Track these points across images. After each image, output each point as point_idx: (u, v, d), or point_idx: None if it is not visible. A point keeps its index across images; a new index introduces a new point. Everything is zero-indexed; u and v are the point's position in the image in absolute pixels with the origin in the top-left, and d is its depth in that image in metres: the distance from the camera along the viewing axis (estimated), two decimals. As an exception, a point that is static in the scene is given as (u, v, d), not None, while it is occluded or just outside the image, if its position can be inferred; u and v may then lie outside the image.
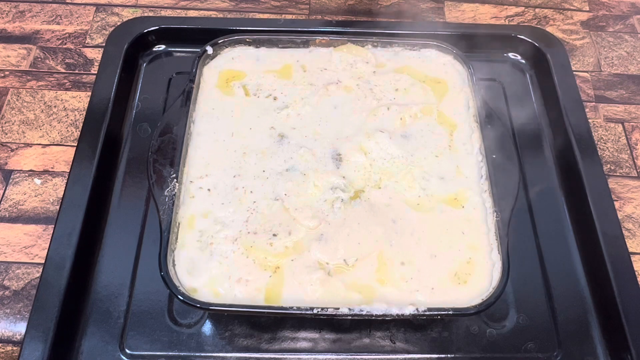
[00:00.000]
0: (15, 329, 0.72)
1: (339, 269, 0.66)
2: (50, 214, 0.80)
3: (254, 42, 0.86)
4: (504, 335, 0.71)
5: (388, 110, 0.79)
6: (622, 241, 0.75)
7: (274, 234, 0.68)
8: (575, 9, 1.09)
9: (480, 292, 0.64)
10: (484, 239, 0.68)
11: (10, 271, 0.76)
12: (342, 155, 0.75)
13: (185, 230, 0.68)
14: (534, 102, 0.93)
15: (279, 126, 0.78)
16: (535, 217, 0.80)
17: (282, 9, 1.06)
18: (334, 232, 0.68)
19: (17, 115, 0.90)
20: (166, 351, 0.68)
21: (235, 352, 0.69)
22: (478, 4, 1.08)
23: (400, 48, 0.86)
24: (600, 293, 0.74)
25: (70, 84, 0.94)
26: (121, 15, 1.03)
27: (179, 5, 1.05)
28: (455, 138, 0.78)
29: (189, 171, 0.73)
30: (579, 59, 1.02)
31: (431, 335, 0.71)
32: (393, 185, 0.73)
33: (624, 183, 0.87)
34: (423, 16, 1.06)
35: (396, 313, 0.61)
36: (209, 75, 0.83)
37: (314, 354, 0.69)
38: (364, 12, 1.07)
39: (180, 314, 0.71)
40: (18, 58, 0.97)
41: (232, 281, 0.65)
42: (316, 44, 0.86)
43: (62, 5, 1.04)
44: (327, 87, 0.81)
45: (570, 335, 0.71)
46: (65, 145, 0.87)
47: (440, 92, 0.82)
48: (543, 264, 0.76)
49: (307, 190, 0.72)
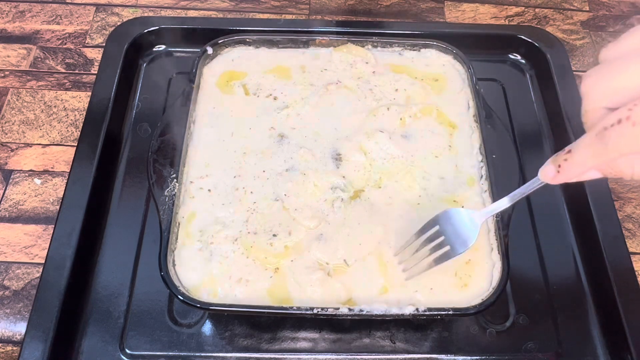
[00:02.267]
0: (15, 329, 0.72)
1: (339, 269, 0.66)
2: (50, 214, 0.81)
3: (254, 42, 0.86)
4: (504, 335, 0.71)
5: (388, 111, 0.79)
6: (622, 241, 0.75)
7: (274, 234, 0.68)
8: (575, 9, 1.09)
9: (480, 292, 0.64)
10: (484, 239, 0.68)
11: (10, 271, 0.76)
12: (342, 155, 0.75)
13: (185, 230, 0.69)
14: (534, 102, 0.93)
15: (279, 126, 0.78)
16: (535, 217, 0.80)
17: (282, 9, 1.06)
18: (333, 232, 0.68)
19: (17, 115, 0.90)
20: (166, 351, 0.68)
21: (235, 352, 0.69)
22: (478, 4, 1.08)
23: (400, 48, 0.86)
24: (600, 293, 0.74)
25: (70, 84, 0.94)
26: (121, 15, 1.03)
27: (179, 5, 1.05)
28: (455, 138, 0.78)
29: (189, 171, 0.73)
30: (579, 59, 1.02)
31: (431, 335, 0.71)
32: (393, 185, 0.73)
33: (624, 183, 0.87)
34: (423, 16, 1.06)
35: (396, 313, 0.61)
36: (209, 75, 0.83)
37: (314, 354, 0.69)
38: (364, 12, 1.07)
39: (180, 314, 0.71)
40: (18, 58, 0.97)
41: (232, 281, 0.65)
42: (316, 44, 0.86)
43: (62, 5, 1.04)
44: (327, 87, 0.81)
45: (570, 335, 0.71)
46: (65, 145, 0.87)
47: (439, 92, 0.82)
48: (543, 264, 0.76)
49: (307, 190, 0.72)
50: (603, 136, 0.40)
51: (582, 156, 0.43)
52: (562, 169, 0.45)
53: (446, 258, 0.62)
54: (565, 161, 0.45)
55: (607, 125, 0.40)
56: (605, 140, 0.40)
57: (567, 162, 0.45)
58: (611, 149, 0.40)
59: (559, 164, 0.46)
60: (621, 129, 0.39)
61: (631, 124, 0.38)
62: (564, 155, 0.45)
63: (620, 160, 0.42)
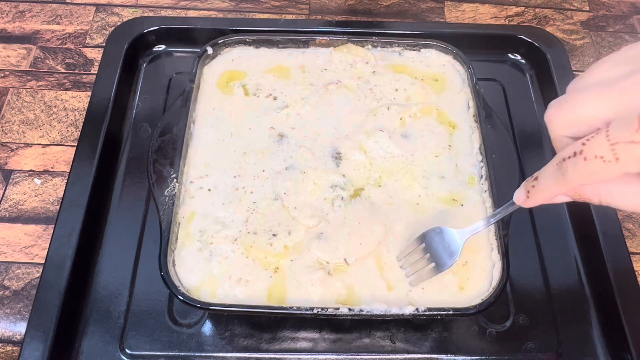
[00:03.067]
0: (15, 329, 0.72)
1: (339, 268, 0.66)
2: (50, 214, 0.81)
3: (254, 42, 0.86)
4: (504, 335, 0.71)
5: (388, 110, 0.79)
6: (622, 241, 0.75)
7: (273, 233, 0.68)
8: (575, 9, 1.09)
9: (480, 292, 0.64)
10: (484, 238, 0.68)
11: (10, 271, 0.76)
12: (341, 154, 0.75)
13: (185, 230, 0.69)
14: (534, 102, 0.93)
15: (278, 126, 0.78)
16: (535, 217, 0.80)
17: (282, 9, 1.06)
18: (333, 231, 0.68)
19: (17, 115, 0.90)
20: (166, 351, 0.68)
21: (235, 352, 0.69)
22: (478, 4, 1.08)
23: (400, 48, 0.86)
24: (600, 293, 0.74)
25: (70, 84, 0.94)
26: (121, 15, 1.03)
27: (179, 5, 1.05)
28: (455, 138, 0.78)
29: (189, 171, 0.73)
30: (579, 59, 1.02)
31: (431, 335, 0.71)
32: (393, 184, 0.73)
33: (624, 183, 0.87)
34: (423, 16, 1.06)
35: (396, 313, 0.61)
36: (209, 75, 0.83)
37: (314, 354, 0.69)
38: (364, 12, 1.07)
39: (180, 314, 0.71)
40: (18, 58, 0.97)
41: (232, 281, 0.65)
42: (316, 44, 0.86)
43: (62, 5, 1.04)
44: (327, 87, 0.81)
45: (570, 335, 0.71)
46: (65, 145, 0.87)
47: (439, 92, 0.82)
48: (543, 264, 0.76)
49: (307, 189, 0.72)
50: (561, 167, 0.41)
51: (546, 184, 0.44)
52: (531, 194, 0.46)
53: (437, 271, 0.63)
54: (533, 187, 0.46)
55: (565, 156, 0.40)
56: (563, 171, 0.41)
57: (535, 189, 0.46)
58: (569, 180, 0.41)
59: (527, 190, 0.47)
60: (575, 162, 0.39)
61: (583, 159, 0.39)
62: (531, 181, 0.46)
63: (586, 187, 0.43)
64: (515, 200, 0.50)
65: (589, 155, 0.38)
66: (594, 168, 0.38)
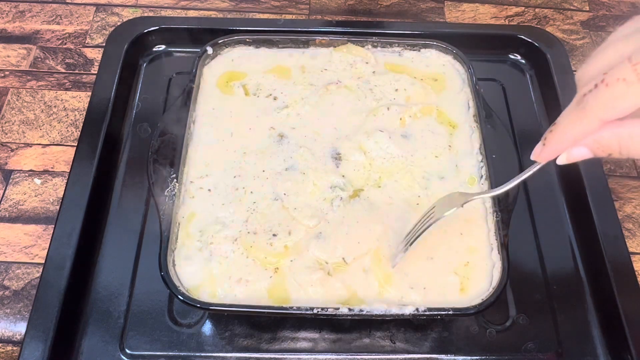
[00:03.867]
0: (15, 329, 0.72)
1: (339, 268, 0.66)
2: (50, 214, 0.81)
3: (254, 42, 0.86)
4: (504, 335, 0.71)
5: (388, 110, 0.79)
6: (622, 241, 0.75)
7: (273, 234, 0.68)
8: (575, 9, 1.09)
9: (480, 292, 0.64)
10: (484, 239, 0.68)
11: (10, 271, 0.76)
12: (341, 155, 0.75)
13: (185, 230, 0.69)
14: (534, 102, 0.93)
15: (278, 126, 0.78)
16: (535, 217, 0.80)
17: (282, 9, 1.06)
18: (332, 230, 0.68)
19: (17, 115, 0.90)
20: (166, 351, 0.68)
21: (235, 352, 0.69)
22: (478, 4, 1.08)
23: (400, 48, 0.86)
24: (600, 293, 0.74)
25: (70, 84, 0.94)
26: (121, 15, 1.03)
27: (179, 5, 1.05)
28: (455, 138, 0.78)
29: (189, 171, 0.73)
30: (579, 59, 1.02)
31: (431, 335, 0.71)
32: (393, 185, 0.73)
33: (624, 183, 0.87)
34: (423, 16, 1.06)
35: (396, 313, 0.61)
36: (209, 75, 0.83)
37: (314, 354, 0.69)
38: (364, 12, 1.07)
39: (180, 314, 0.71)
40: (18, 58, 0.97)
41: (232, 281, 0.65)
42: (316, 44, 0.86)
43: (62, 5, 1.04)
44: (327, 87, 0.81)
45: (570, 335, 0.71)
46: (65, 145, 0.87)
47: (439, 92, 0.82)
48: (543, 264, 0.76)
49: (307, 189, 0.72)
50: (581, 101, 0.42)
51: (564, 125, 0.44)
52: (548, 141, 0.46)
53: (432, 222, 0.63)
54: (550, 132, 0.46)
55: (586, 91, 0.41)
56: (583, 105, 0.41)
57: (552, 133, 0.46)
58: (589, 112, 0.41)
59: (545, 137, 0.47)
60: (597, 92, 0.40)
61: (604, 85, 0.39)
62: (549, 128, 0.46)
63: (605, 134, 0.43)
64: (532, 155, 0.49)
65: (611, 80, 0.39)
66: (616, 93, 0.39)
